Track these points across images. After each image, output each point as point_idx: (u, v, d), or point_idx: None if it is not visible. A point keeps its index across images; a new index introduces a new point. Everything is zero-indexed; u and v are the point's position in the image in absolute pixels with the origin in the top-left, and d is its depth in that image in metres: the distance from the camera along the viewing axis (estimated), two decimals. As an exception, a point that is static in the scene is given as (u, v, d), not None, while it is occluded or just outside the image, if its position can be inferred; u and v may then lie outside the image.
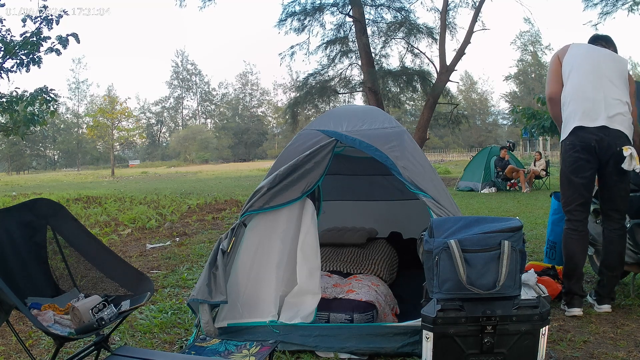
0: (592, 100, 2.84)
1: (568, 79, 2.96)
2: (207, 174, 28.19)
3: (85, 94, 60.67)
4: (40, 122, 8.61)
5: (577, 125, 2.85)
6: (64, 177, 33.18)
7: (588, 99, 2.86)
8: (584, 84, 2.90)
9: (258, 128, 64.72)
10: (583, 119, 2.84)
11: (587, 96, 2.87)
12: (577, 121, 2.86)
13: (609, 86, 2.86)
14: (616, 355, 2.37)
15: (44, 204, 2.16)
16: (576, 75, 2.93)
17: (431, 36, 14.98)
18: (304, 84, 15.98)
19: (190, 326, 2.87)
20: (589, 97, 2.86)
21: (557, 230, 3.93)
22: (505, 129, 53.58)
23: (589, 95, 2.86)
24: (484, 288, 1.93)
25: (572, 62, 2.98)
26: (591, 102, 2.84)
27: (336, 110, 3.25)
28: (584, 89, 2.89)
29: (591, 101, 2.84)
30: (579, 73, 2.93)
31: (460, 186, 12.70)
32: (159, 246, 5.67)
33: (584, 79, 2.91)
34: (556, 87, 3.03)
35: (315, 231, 2.60)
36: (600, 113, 2.82)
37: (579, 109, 2.87)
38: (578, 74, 2.93)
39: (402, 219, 4.26)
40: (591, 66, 2.93)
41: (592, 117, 2.83)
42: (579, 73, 2.93)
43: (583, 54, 3.00)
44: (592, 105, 2.84)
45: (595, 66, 2.92)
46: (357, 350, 2.36)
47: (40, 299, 2.04)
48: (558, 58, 3.06)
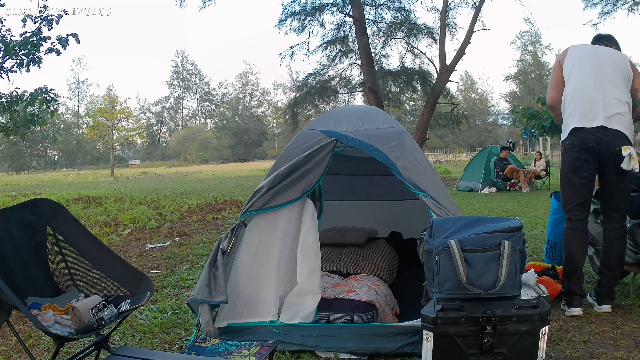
0: (591, 101, 2.86)
1: (569, 79, 2.98)
2: (207, 174, 28.19)
3: (85, 94, 60.76)
4: (40, 122, 8.62)
5: (576, 126, 2.88)
6: (64, 177, 33.18)
7: (587, 99, 2.88)
8: (584, 84, 2.92)
9: (258, 128, 64.72)
10: (581, 119, 2.87)
11: (586, 97, 2.88)
12: (575, 122, 2.88)
13: (609, 86, 2.87)
14: (616, 355, 2.37)
15: (44, 204, 2.16)
16: (577, 76, 2.95)
17: (431, 36, 14.98)
18: (304, 84, 15.98)
19: (190, 326, 2.87)
20: (588, 98, 2.88)
21: (557, 230, 3.93)
22: (505, 129, 53.59)
23: (589, 96, 2.88)
24: (484, 288, 1.93)
25: (572, 63, 3.00)
26: (590, 103, 2.86)
27: (336, 110, 3.25)
28: (584, 90, 2.91)
29: (590, 102, 2.86)
30: (579, 74, 2.95)
31: (460, 186, 12.70)
32: (159, 246, 5.67)
33: (585, 79, 2.93)
34: (555, 95, 3.07)
35: (315, 231, 2.60)
36: (599, 113, 2.83)
37: (577, 110, 2.89)
38: (579, 74, 2.95)
39: (402, 219, 4.26)
40: (592, 67, 2.94)
41: (589, 117, 2.85)
42: (579, 74, 2.95)
43: (583, 55, 3.01)
44: (591, 106, 2.85)
45: (596, 67, 2.93)
46: (357, 350, 2.36)
47: (40, 299, 2.04)
48: (559, 63, 3.07)
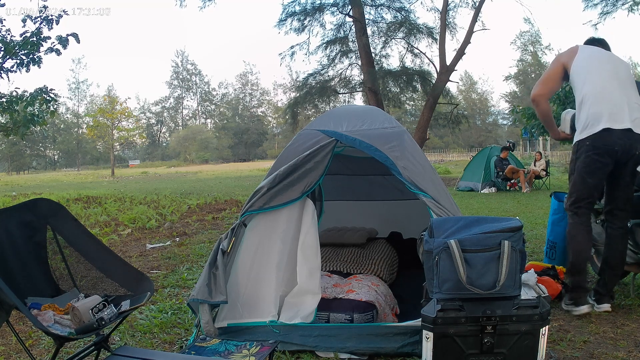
0: (616, 103, 2.81)
1: (586, 80, 2.90)
2: (207, 174, 28.20)
3: (85, 94, 60.85)
4: (40, 122, 8.62)
5: (605, 127, 2.78)
6: (64, 177, 33.19)
7: (613, 101, 2.82)
8: (607, 86, 2.86)
9: (258, 128, 64.74)
10: (610, 120, 2.78)
11: (612, 99, 2.83)
12: (604, 123, 2.79)
13: (630, 90, 2.86)
14: (616, 355, 2.37)
15: (44, 204, 2.16)
16: (596, 77, 2.89)
17: (431, 36, 15.00)
18: (304, 84, 16.00)
19: (190, 326, 2.87)
20: (614, 100, 2.82)
21: (557, 230, 3.93)
22: (505, 129, 53.61)
23: (615, 98, 2.83)
24: (484, 288, 1.93)
25: (587, 65, 2.93)
26: (615, 105, 2.81)
27: (336, 110, 3.25)
28: (609, 91, 2.85)
29: (616, 104, 2.81)
30: (599, 76, 2.89)
31: (460, 186, 12.70)
32: (159, 246, 5.67)
33: (607, 82, 2.87)
34: (544, 90, 3.02)
35: (315, 231, 2.60)
36: (625, 116, 2.79)
37: (604, 111, 2.81)
38: (600, 76, 2.89)
39: (402, 219, 4.26)
40: (612, 69, 2.91)
41: (617, 119, 2.78)
42: (599, 76, 2.89)
43: (599, 57, 2.97)
44: (617, 108, 2.80)
45: (615, 70, 2.91)
46: (357, 350, 2.36)
47: (40, 299, 2.04)
48: (562, 64, 3.02)
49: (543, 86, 3.04)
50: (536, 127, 12.23)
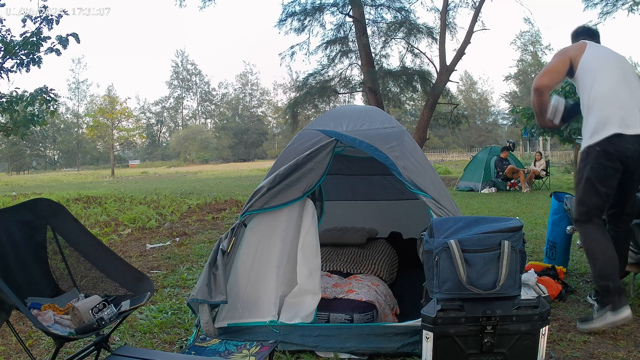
0: (627, 108, 2.71)
1: (595, 81, 2.77)
2: (207, 174, 28.19)
3: (85, 94, 60.66)
4: (40, 122, 8.60)
5: (616, 132, 2.65)
6: (64, 177, 33.18)
7: (623, 105, 2.71)
8: (616, 90, 2.74)
9: (258, 128, 64.72)
10: (622, 125, 2.67)
11: (622, 102, 2.72)
12: (615, 127, 2.66)
13: (639, 93, 2.75)
14: (616, 355, 2.38)
15: (44, 204, 2.16)
16: (605, 79, 2.76)
17: (431, 36, 14.99)
18: (304, 84, 16.00)
19: (190, 326, 2.87)
20: (624, 104, 2.71)
21: (557, 230, 3.94)
22: (505, 129, 53.59)
23: (624, 102, 2.72)
24: (484, 288, 1.93)
25: (594, 65, 2.82)
26: (626, 110, 2.70)
27: (336, 110, 3.25)
28: (619, 94, 2.73)
29: (626, 108, 2.70)
30: (608, 78, 2.77)
31: (460, 186, 12.70)
32: (159, 246, 5.67)
33: (617, 84, 2.75)
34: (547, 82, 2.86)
35: (315, 231, 2.60)
36: (637, 121, 2.68)
37: (615, 115, 2.69)
38: (609, 78, 2.77)
39: (402, 219, 4.26)
40: (620, 71, 2.80)
41: (629, 124, 2.67)
42: (608, 78, 2.77)
43: (607, 57, 2.86)
44: (628, 113, 2.69)
45: (623, 72, 2.80)
46: (357, 350, 2.36)
47: (40, 299, 2.04)
48: (569, 58, 2.88)
49: (548, 77, 2.87)
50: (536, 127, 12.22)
